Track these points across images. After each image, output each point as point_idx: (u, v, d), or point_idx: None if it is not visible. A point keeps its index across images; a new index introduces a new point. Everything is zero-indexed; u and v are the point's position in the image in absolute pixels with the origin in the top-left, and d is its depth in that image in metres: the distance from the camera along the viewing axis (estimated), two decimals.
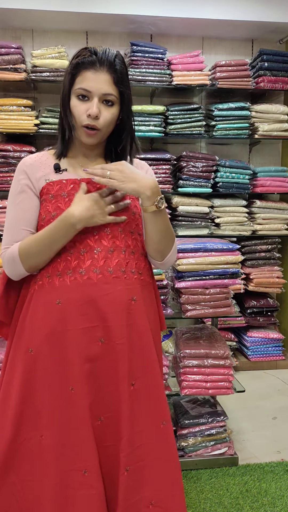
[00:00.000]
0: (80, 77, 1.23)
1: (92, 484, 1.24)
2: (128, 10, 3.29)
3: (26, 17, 3.35)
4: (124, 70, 1.26)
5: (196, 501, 2.08)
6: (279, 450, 2.52)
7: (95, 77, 1.22)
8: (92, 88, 1.22)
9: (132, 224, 1.34)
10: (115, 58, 1.24)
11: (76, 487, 1.24)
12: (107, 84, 1.23)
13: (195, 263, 2.20)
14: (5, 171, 3.25)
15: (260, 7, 3.41)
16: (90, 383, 1.27)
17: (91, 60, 1.22)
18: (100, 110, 1.24)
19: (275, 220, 3.64)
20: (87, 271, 1.26)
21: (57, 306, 1.26)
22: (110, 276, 1.27)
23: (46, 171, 1.32)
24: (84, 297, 1.25)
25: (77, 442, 1.26)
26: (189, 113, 3.45)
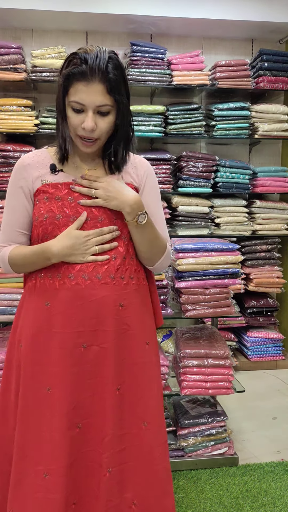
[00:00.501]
0: (73, 89, 1.18)
1: (50, 489, 1.23)
2: (128, 10, 3.29)
3: (26, 17, 3.35)
4: (118, 75, 1.20)
5: (196, 501, 2.08)
6: (279, 450, 2.52)
7: (87, 89, 1.17)
8: (85, 101, 1.18)
9: (124, 230, 1.33)
10: (107, 64, 1.17)
11: (35, 489, 1.24)
12: (101, 95, 1.18)
13: (195, 263, 2.20)
14: (5, 171, 3.25)
15: (260, 7, 3.41)
16: (72, 388, 1.27)
17: (81, 70, 1.15)
18: (96, 121, 1.21)
19: (275, 220, 3.64)
20: (76, 276, 1.27)
21: (46, 307, 1.29)
22: (98, 282, 1.28)
23: (42, 172, 1.32)
24: (72, 302, 1.27)
25: (42, 444, 1.26)
26: (189, 113, 3.45)
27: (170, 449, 2.32)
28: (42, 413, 1.27)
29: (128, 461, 1.31)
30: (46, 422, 1.27)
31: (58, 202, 1.29)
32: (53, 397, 1.27)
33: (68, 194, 1.29)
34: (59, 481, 1.24)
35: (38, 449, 1.26)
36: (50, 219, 1.28)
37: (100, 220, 1.30)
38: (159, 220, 1.42)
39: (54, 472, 1.24)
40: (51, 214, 1.28)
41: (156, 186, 1.44)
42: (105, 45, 3.63)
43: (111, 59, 1.19)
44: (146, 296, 1.42)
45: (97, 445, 1.29)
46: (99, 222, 1.29)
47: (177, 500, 2.09)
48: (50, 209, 1.29)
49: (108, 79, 1.17)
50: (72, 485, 1.27)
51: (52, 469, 1.24)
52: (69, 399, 1.27)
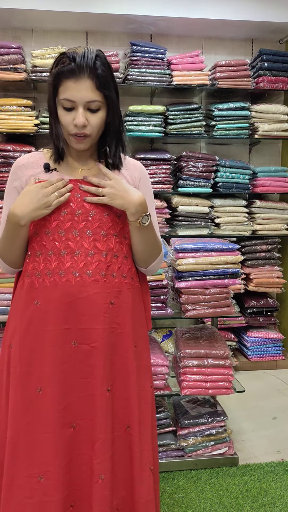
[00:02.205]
0: (62, 87, 1.20)
1: (46, 492, 1.22)
2: (128, 10, 3.29)
3: (26, 17, 3.35)
4: (106, 72, 1.22)
5: (196, 501, 2.08)
6: (279, 450, 2.52)
7: (77, 85, 1.18)
8: (75, 97, 1.19)
9: (116, 227, 1.32)
10: (95, 61, 1.19)
11: (30, 494, 1.23)
12: (90, 91, 1.19)
13: (195, 263, 2.20)
14: (5, 171, 3.25)
15: (260, 7, 3.41)
16: (63, 387, 1.26)
17: (70, 68, 1.18)
18: (87, 117, 1.22)
19: (275, 220, 3.64)
20: (66, 273, 1.27)
21: (36, 306, 1.28)
22: (88, 279, 1.27)
23: (36, 171, 1.32)
24: (62, 299, 1.26)
25: (35, 446, 1.24)
26: (189, 113, 3.45)
27: (170, 449, 2.32)
28: (34, 414, 1.26)
29: (116, 466, 1.29)
30: (39, 424, 1.26)
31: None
32: (45, 397, 1.26)
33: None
34: (55, 483, 1.23)
35: (31, 452, 1.25)
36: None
37: (91, 214, 1.29)
38: (154, 224, 1.41)
39: (50, 475, 1.23)
40: None
41: (150, 189, 1.44)
42: (105, 45, 3.66)
43: (99, 57, 1.21)
44: (138, 297, 1.41)
45: (88, 449, 1.28)
46: (90, 216, 1.29)
47: (177, 500, 2.09)
48: None
49: (97, 75, 1.19)
50: (68, 486, 1.26)
51: (47, 471, 1.23)
52: (60, 398, 1.26)
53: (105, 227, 1.30)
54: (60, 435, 1.25)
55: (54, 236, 1.28)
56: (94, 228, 1.30)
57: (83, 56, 1.18)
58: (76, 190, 1.30)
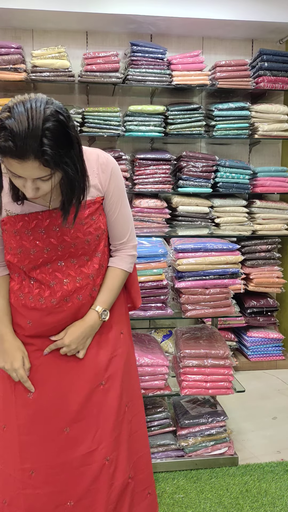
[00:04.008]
0: (6, 160, 1.06)
1: (36, 485, 1.32)
2: (128, 10, 3.29)
3: (26, 17, 3.35)
4: (56, 144, 1.03)
5: (196, 501, 2.08)
6: (279, 450, 2.52)
7: (21, 166, 1.05)
8: (21, 174, 1.08)
9: (97, 248, 1.38)
10: (42, 136, 1.01)
11: (23, 486, 1.33)
12: (37, 170, 1.06)
13: (195, 263, 2.20)
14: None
15: (260, 7, 3.41)
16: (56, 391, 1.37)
17: (10, 147, 1.01)
18: (38, 185, 1.12)
19: (275, 220, 3.64)
20: (46, 300, 1.33)
21: (29, 325, 1.38)
22: (65, 304, 1.34)
23: (5, 200, 1.26)
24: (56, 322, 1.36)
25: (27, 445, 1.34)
26: (189, 113, 3.45)
27: (170, 449, 2.32)
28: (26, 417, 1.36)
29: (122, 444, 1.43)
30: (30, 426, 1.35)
31: (29, 236, 1.28)
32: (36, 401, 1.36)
33: (37, 225, 1.27)
34: (45, 479, 1.33)
35: (24, 449, 1.34)
36: (25, 253, 1.29)
37: (60, 248, 1.31)
38: (125, 217, 1.43)
39: (41, 470, 1.33)
40: (24, 249, 1.29)
41: (120, 183, 1.40)
42: (105, 45, 3.66)
43: (48, 130, 1.02)
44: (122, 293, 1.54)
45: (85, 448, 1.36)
46: (59, 250, 1.31)
47: (177, 500, 2.09)
48: (22, 244, 1.29)
49: (43, 152, 1.03)
50: (63, 483, 1.34)
51: (38, 467, 1.33)
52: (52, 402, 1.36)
53: (75, 256, 1.34)
54: (53, 437, 1.35)
55: (41, 269, 1.32)
56: (66, 259, 1.33)
57: (25, 133, 1.00)
58: (54, 223, 1.28)
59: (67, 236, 1.29)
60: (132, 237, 1.47)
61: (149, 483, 1.55)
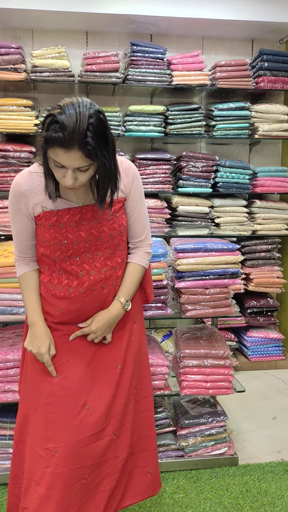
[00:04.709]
0: (52, 150, 1.24)
1: (58, 464, 1.44)
2: (128, 10, 3.29)
3: (26, 17, 3.35)
4: (97, 140, 1.23)
5: (196, 501, 2.08)
6: (279, 450, 2.52)
7: (67, 155, 1.22)
8: (64, 163, 1.25)
9: (120, 243, 1.54)
10: (86, 132, 1.20)
11: (48, 464, 1.45)
12: (79, 159, 1.24)
13: (195, 263, 2.20)
14: (5, 171, 3.25)
15: (260, 7, 3.41)
16: (80, 372, 1.52)
17: (60, 137, 1.19)
18: (76, 175, 1.29)
19: (275, 220, 3.64)
20: (74, 290, 1.50)
21: (57, 313, 1.53)
22: (91, 293, 1.51)
23: (41, 198, 1.43)
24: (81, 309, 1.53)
25: (51, 425, 1.47)
26: (189, 113, 3.45)
27: (170, 449, 2.32)
28: (52, 397, 1.49)
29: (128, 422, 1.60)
30: (56, 405, 1.48)
31: (62, 229, 1.44)
32: (62, 382, 1.50)
33: (69, 220, 1.44)
34: (67, 457, 1.45)
35: (48, 429, 1.47)
36: (57, 245, 1.45)
37: (88, 240, 1.47)
38: (143, 217, 1.61)
39: (62, 449, 1.45)
40: (56, 241, 1.45)
41: (140, 186, 1.58)
42: (105, 45, 3.66)
43: (91, 125, 1.21)
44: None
45: (100, 426, 1.51)
46: (87, 243, 1.47)
47: (177, 500, 2.09)
48: (55, 236, 1.44)
49: (87, 148, 1.21)
50: (80, 460, 1.47)
51: (60, 447, 1.45)
52: (77, 383, 1.50)
53: (102, 248, 1.50)
54: (74, 414, 1.47)
55: (71, 261, 1.48)
56: (103, 249, 1.50)
57: (74, 126, 1.18)
58: (83, 218, 1.45)
59: (95, 230, 1.46)
60: (149, 236, 1.65)
61: (151, 463, 1.67)
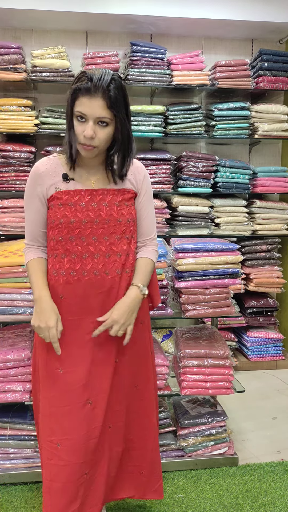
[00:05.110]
0: (78, 101, 1.39)
1: (61, 457, 1.50)
2: (128, 10, 3.29)
3: (26, 17, 3.35)
4: (119, 94, 1.39)
5: (196, 501, 2.08)
6: (279, 450, 2.52)
7: (90, 103, 1.37)
8: (87, 112, 1.38)
9: (126, 231, 1.57)
10: (110, 83, 1.37)
11: (51, 456, 1.51)
12: (101, 109, 1.37)
13: (195, 263, 2.20)
14: (5, 171, 3.25)
15: (260, 7, 3.41)
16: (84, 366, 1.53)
17: (86, 86, 1.36)
18: (95, 131, 1.40)
19: (275, 220, 3.64)
20: (88, 272, 1.52)
21: (60, 300, 1.54)
22: (95, 277, 1.53)
23: (55, 180, 1.52)
24: (84, 294, 1.53)
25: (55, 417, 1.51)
26: (189, 113, 3.45)
27: (170, 449, 2.32)
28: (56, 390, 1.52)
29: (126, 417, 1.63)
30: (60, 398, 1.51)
31: (72, 207, 1.50)
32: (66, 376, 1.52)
33: (80, 200, 1.51)
34: (71, 451, 1.49)
35: (52, 422, 1.51)
36: (65, 223, 1.49)
37: (96, 222, 1.52)
38: (152, 218, 1.69)
39: (66, 442, 1.49)
40: (65, 219, 1.49)
41: (150, 187, 1.67)
42: (105, 45, 3.66)
43: (114, 80, 1.38)
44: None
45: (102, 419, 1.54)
46: (95, 224, 1.52)
47: (177, 500, 2.09)
48: (65, 214, 1.50)
49: (109, 96, 1.37)
50: (84, 455, 1.51)
51: (64, 439, 1.49)
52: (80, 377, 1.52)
53: (118, 231, 1.54)
54: (78, 409, 1.50)
55: (77, 242, 1.51)
56: (109, 233, 1.53)
57: (100, 77, 1.36)
58: (93, 200, 1.51)
59: (103, 212, 1.52)
60: (156, 237, 1.72)
61: (143, 464, 1.71)
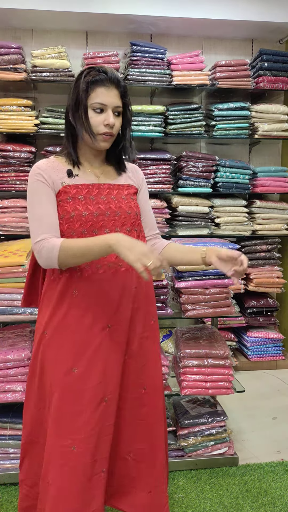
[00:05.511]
0: (95, 93, 1.44)
1: (77, 458, 1.44)
2: (128, 10, 3.29)
3: (26, 17, 3.35)
4: (125, 85, 1.51)
5: (196, 501, 2.08)
6: (279, 450, 2.52)
7: (108, 92, 1.44)
8: (107, 102, 1.44)
9: (135, 224, 1.56)
10: (118, 76, 1.47)
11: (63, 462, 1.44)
12: (117, 98, 1.47)
13: None
14: (5, 171, 3.25)
15: (260, 7, 3.41)
16: (99, 366, 1.47)
17: (103, 78, 1.43)
18: (114, 118, 1.47)
19: (275, 220, 3.65)
20: (102, 265, 1.47)
21: (73, 295, 1.48)
22: (109, 270, 1.47)
23: (60, 175, 1.49)
24: (99, 288, 1.47)
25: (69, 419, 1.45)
26: (189, 113, 3.45)
27: (170, 449, 2.32)
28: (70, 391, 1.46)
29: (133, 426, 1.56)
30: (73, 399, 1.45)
31: (82, 201, 1.47)
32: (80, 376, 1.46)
33: (88, 193, 1.49)
34: (85, 451, 1.44)
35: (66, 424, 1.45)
36: (77, 216, 1.45)
37: (107, 214, 1.49)
38: (152, 213, 1.73)
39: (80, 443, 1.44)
40: (77, 212, 1.45)
41: (146, 187, 1.72)
42: (105, 45, 3.66)
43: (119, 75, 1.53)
44: (150, 280, 1.65)
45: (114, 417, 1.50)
46: (106, 216, 1.48)
47: (177, 500, 2.09)
48: (76, 207, 1.46)
49: (121, 86, 1.48)
50: (98, 453, 1.46)
51: (78, 440, 1.44)
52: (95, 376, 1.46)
53: (128, 224, 1.53)
54: (94, 408, 1.45)
55: (90, 235, 1.45)
56: (120, 226, 1.51)
57: (111, 71, 1.46)
58: (101, 193, 1.50)
59: (113, 205, 1.51)
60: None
61: (150, 480, 1.57)
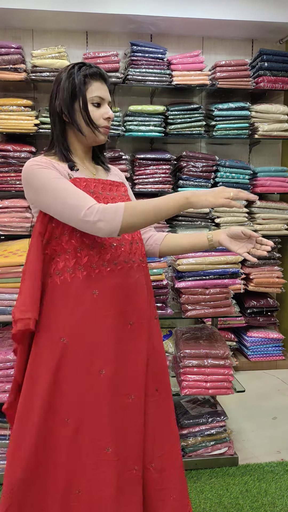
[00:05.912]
0: (92, 87, 1.41)
1: (112, 460, 1.38)
2: (128, 10, 3.29)
3: (26, 17, 3.35)
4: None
5: (196, 501, 2.08)
6: (279, 450, 2.52)
7: (103, 86, 1.44)
8: (104, 95, 1.43)
9: None
10: None
11: (98, 464, 1.37)
12: (108, 93, 1.46)
13: (195, 263, 2.20)
14: (5, 171, 3.25)
15: (260, 7, 3.41)
16: (119, 364, 1.42)
17: (98, 72, 1.42)
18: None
19: (275, 220, 3.65)
20: (118, 262, 1.42)
21: (93, 295, 1.39)
22: (116, 267, 1.42)
23: (61, 170, 1.41)
24: (118, 285, 1.42)
25: (96, 422, 1.38)
26: (189, 113, 3.45)
27: None
28: (94, 393, 1.38)
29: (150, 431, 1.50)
30: (99, 400, 1.38)
31: (93, 195, 1.41)
32: (105, 376, 1.39)
33: (87, 186, 1.43)
34: (117, 454, 1.38)
35: (95, 428, 1.37)
36: None
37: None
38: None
39: (112, 445, 1.38)
40: None
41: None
42: (105, 45, 3.66)
43: None
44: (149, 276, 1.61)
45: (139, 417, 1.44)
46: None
47: None
48: None
49: (109, 82, 1.47)
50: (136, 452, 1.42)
51: (110, 442, 1.37)
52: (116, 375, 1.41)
53: None
54: (124, 408, 1.41)
55: None
56: None
57: (98, 66, 1.44)
58: (105, 189, 1.47)
59: (118, 200, 1.48)
60: None
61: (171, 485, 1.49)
